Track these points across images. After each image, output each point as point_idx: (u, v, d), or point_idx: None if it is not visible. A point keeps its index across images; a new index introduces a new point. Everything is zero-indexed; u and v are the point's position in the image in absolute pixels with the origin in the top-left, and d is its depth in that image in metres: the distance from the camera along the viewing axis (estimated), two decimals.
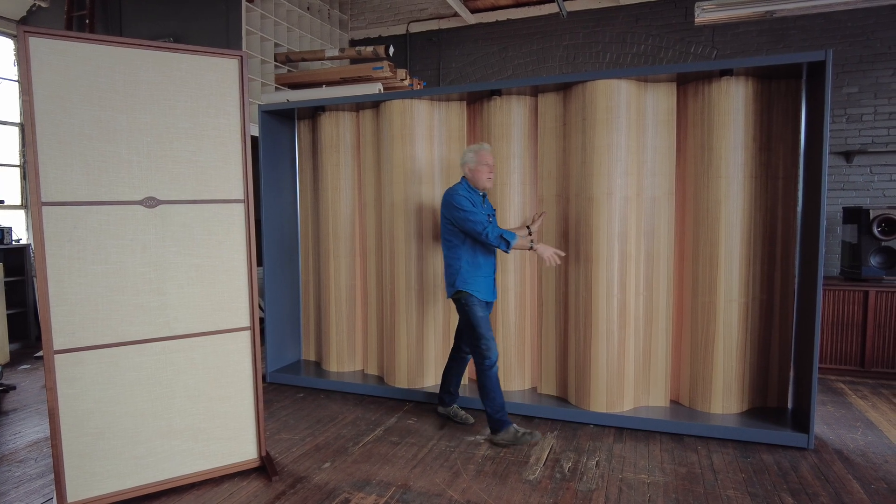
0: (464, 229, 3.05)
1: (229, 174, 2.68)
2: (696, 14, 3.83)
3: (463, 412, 3.38)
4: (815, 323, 2.89)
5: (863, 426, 3.28)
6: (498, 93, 3.53)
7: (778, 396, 3.33)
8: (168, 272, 2.57)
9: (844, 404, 3.64)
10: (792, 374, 3.29)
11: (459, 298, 3.10)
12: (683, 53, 5.18)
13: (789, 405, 3.31)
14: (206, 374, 2.68)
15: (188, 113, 2.57)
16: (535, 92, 3.53)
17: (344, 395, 3.88)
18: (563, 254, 3.10)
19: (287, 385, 4.10)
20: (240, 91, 2.67)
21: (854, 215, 4.37)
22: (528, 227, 3.40)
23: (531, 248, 3.07)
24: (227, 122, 2.66)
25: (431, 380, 3.82)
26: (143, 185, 2.48)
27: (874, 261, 4.26)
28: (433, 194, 3.75)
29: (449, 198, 3.10)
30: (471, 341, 3.10)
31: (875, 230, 4.21)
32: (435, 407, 3.59)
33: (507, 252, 3.02)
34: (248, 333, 2.76)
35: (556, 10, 5.51)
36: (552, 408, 3.39)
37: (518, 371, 3.68)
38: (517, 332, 3.65)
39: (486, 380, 3.03)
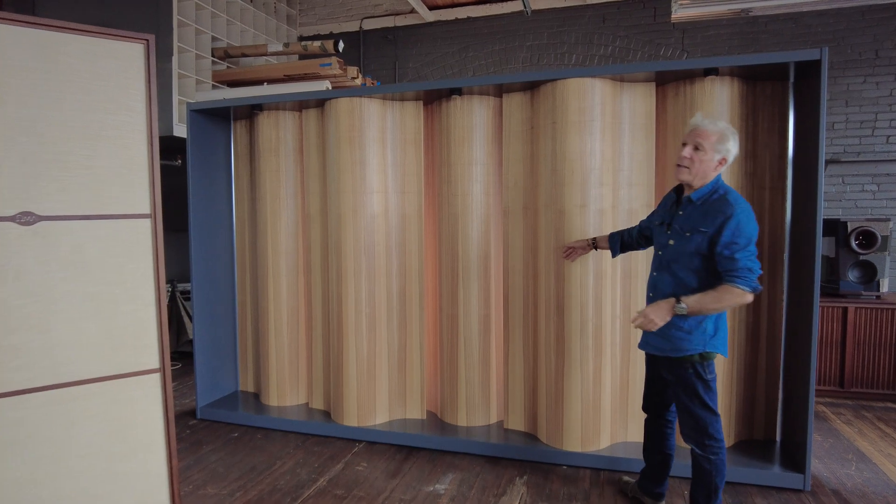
0: None
1: (133, 183, 2.20)
2: (672, 10, 3.56)
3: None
4: (812, 348, 2.60)
5: (855, 459, 3.02)
6: (458, 92, 3.15)
7: (765, 428, 3.04)
8: (54, 304, 2.07)
9: (831, 432, 3.39)
10: (780, 402, 3.01)
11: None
12: (653, 55, 4.93)
13: (777, 437, 3.03)
14: (105, 428, 2.19)
15: (79, 108, 2.09)
16: (500, 92, 3.17)
17: (285, 433, 3.40)
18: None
19: (220, 422, 3.59)
20: (146, 83, 2.20)
21: (831, 227, 4.16)
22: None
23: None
24: (131, 119, 2.19)
25: (385, 415, 3.39)
26: (17, 197, 1.98)
27: (852, 275, 4.07)
28: (386, 204, 3.33)
29: None
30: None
31: (853, 243, 4.01)
32: (386, 450, 3.16)
33: None
34: (157, 376, 2.28)
35: (519, 8, 5.19)
36: (520, 446, 3.01)
37: (482, 403, 3.29)
38: (481, 360, 3.26)
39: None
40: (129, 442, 2.23)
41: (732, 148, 2.11)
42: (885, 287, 4.05)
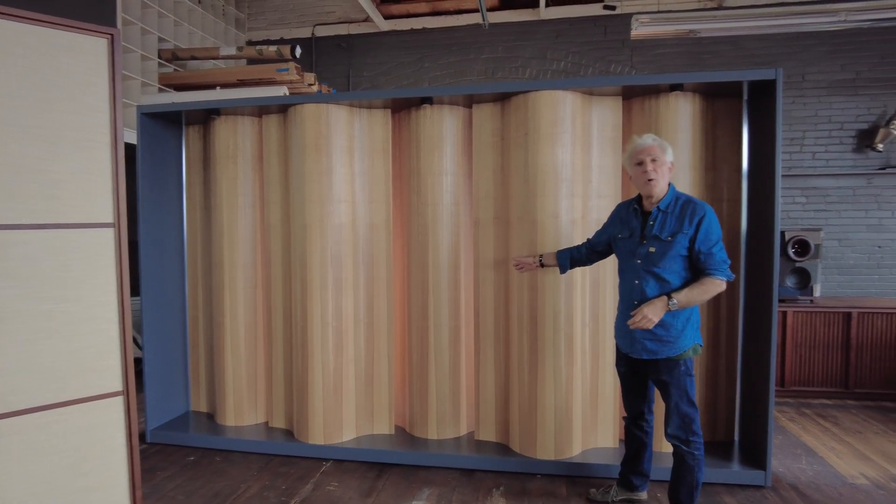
0: None
1: (95, 190, 2.04)
2: (632, 27, 3.70)
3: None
4: (771, 352, 2.74)
5: (804, 454, 3.21)
6: (429, 101, 3.13)
7: (725, 429, 3.17)
8: (3, 324, 1.88)
9: (778, 429, 3.59)
10: (738, 404, 3.15)
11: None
12: (603, 71, 5.11)
13: (736, 437, 3.16)
14: (61, 460, 2.00)
15: (36, 106, 1.92)
16: (470, 102, 3.17)
17: (245, 455, 3.22)
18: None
19: (174, 446, 3.36)
20: (109, 80, 2.05)
21: None
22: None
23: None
24: (93, 120, 2.03)
25: (352, 432, 3.28)
26: None
27: (789, 281, 4.34)
28: (353, 214, 3.25)
29: None
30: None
31: (790, 251, 4.29)
32: (350, 471, 3.05)
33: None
34: (121, 399, 2.10)
35: (475, 21, 5.24)
36: (496, 458, 3.00)
37: (453, 416, 3.25)
38: (451, 372, 3.23)
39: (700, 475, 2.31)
40: (88, 474, 2.05)
41: (672, 154, 2.36)
42: (817, 292, 4.35)
